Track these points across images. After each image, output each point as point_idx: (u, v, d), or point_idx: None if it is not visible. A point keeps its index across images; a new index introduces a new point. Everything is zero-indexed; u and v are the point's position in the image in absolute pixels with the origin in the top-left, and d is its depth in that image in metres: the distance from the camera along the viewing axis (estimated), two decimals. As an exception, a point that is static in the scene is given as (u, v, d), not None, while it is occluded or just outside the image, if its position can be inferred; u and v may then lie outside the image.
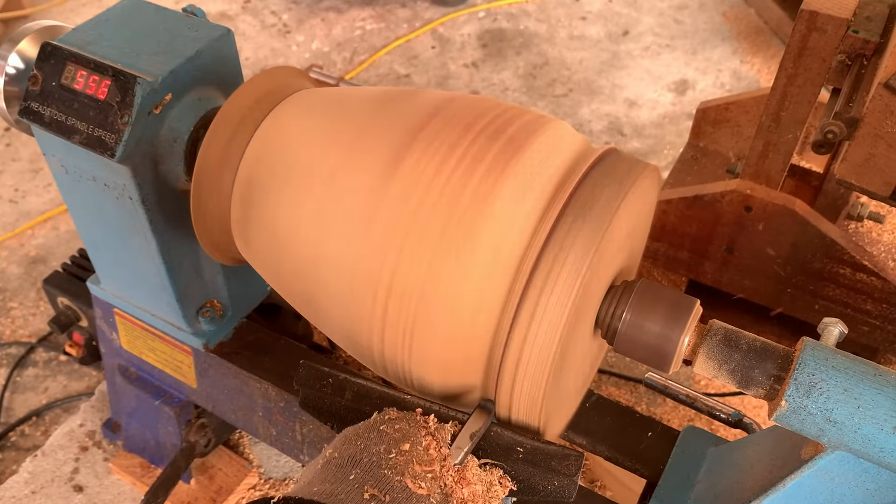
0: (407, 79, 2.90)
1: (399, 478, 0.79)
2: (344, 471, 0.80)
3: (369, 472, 0.80)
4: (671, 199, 1.59)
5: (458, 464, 0.85)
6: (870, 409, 0.82)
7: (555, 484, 0.88)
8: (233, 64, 1.17)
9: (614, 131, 2.69)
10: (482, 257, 0.86)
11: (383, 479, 0.79)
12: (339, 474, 0.80)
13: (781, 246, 1.53)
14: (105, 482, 1.72)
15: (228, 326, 1.40)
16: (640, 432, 1.25)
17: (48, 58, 1.08)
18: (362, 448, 0.83)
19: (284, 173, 0.98)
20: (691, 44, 3.02)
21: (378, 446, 0.83)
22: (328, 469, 0.82)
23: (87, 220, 1.27)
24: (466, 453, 0.86)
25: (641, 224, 1.03)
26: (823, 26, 1.30)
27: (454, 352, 0.89)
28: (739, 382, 0.90)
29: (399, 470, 0.80)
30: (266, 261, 1.04)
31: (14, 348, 2.04)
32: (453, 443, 0.87)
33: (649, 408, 1.92)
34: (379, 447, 0.82)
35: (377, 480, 0.79)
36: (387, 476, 0.79)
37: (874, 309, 1.52)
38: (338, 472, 0.80)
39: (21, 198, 2.45)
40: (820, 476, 0.90)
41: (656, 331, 0.90)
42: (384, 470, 0.80)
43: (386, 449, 0.82)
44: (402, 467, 0.81)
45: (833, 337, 0.91)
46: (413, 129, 0.92)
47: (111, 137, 1.05)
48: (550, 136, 0.92)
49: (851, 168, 1.25)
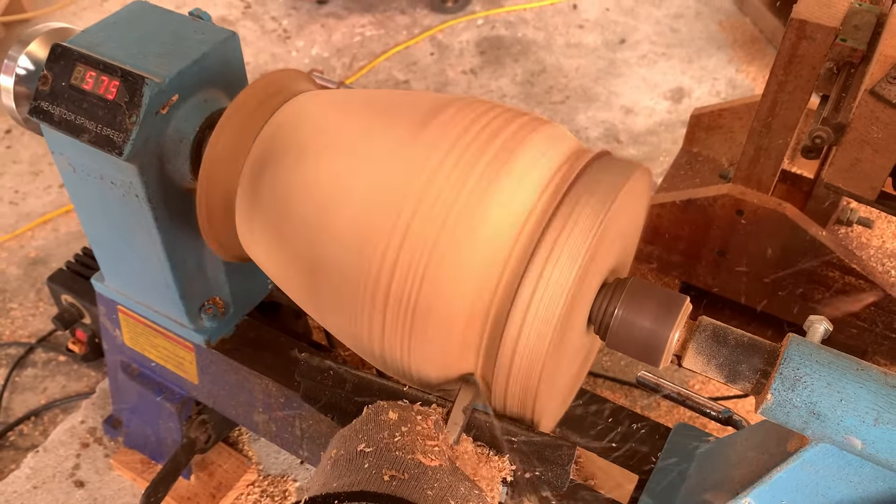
0: (406, 84, 2.93)
1: (411, 456, 0.83)
2: (355, 463, 0.83)
3: (381, 457, 0.83)
4: (665, 202, 1.62)
5: (456, 439, 0.88)
6: (852, 402, 0.85)
7: (548, 473, 0.91)
8: (237, 66, 1.20)
9: (610, 138, 2.72)
10: (483, 239, 0.89)
11: (397, 461, 0.82)
12: (351, 467, 0.83)
13: (772, 249, 1.56)
14: (106, 478, 1.74)
15: (230, 323, 1.42)
16: (633, 429, 1.28)
17: (58, 59, 1.11)
18: (366, 440, 0.86)
19: (298, 150, 1.00)
20: (687, 52, 3.05)
21: (380, 434, 0.86)
22: (339, 467, 0.84)
23: (93, 218, 1.30)
24: (462, 427, 0.89)
25: (634, 223, 1.06)
26: (813, 35, 1.33)
27: (452, 341, 0.92)
28: (727, 377, 0.93)
29: (408, 449, 0.84)
30: (271, 243, 1.05)
31: (13, 349, 2.05)
32: (448, 420, 0.90)
33: (644, 411, 1.95)
34: (382, 434, 0.85)
35: (391, 463, 0.82)
36: (399, 457, 0.82)
37: (862, 312, 1.55)
38: (350, 466, 0.83)
39: (21, 199, 2.47)
40: (805, 468, 0.93)
41: (647, 326, 0.93)
42: (394, 452, 0.83)
43: (389, 434, 0.85)
44: (409, 446, 0.84)
45: (818, 334, 0.94)
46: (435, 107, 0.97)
47: (119, 136, 1.08)
48: (549, 134, 0.96)
49: (839, 172, 1.28)
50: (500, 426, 0.92)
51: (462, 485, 0.84)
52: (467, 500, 0.83)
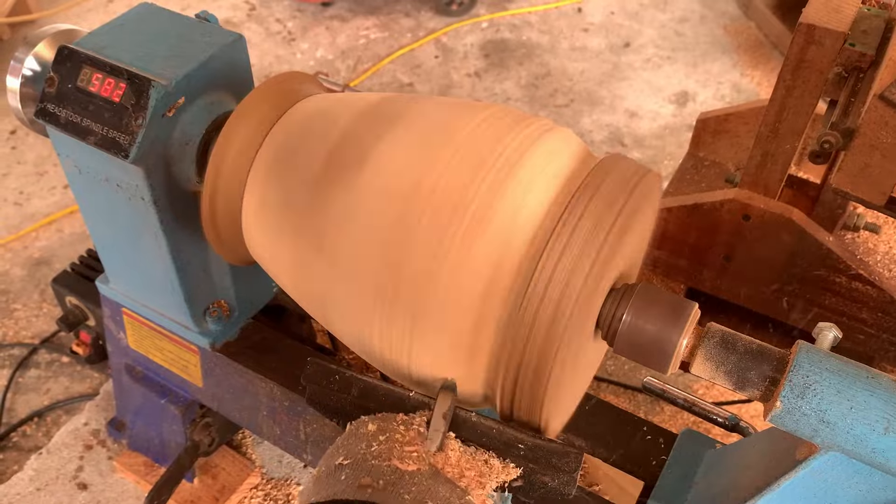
0: (410, 87, 2.93)
1: (386, 463, 0.83)
2: (334, 476, 0.85)
3: (358, 467, 0.84)
4: (671, 207, 1.62)
5: (439, 445, 0.88)
6: (862, 411, 0.84)
7: (555, 480, 0.91)
8: (244, 69, 1.20)
9: (615, 142, 2.72)
10: (491, 244, 0.89)
11: (373, 469, 0.83)
12: (330, 480, 0.84)
13: (779, 255, 1.55)
14: (109, 480, 1.73)
15: (235, 327, 1.42)
16: (639, 435, 1.28)
17: (65, 61, 1.11)
18: (344, 454, 0.87)
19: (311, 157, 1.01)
20: (692, 56, 3.05)
21: (358, 446, 0.87)
22: (320, 482, 0.86)
23: (98, 220, 1.30)
24: (444, 434, 0.89)
25: (644, 228, 1.05)
26: (821, 39, 1.33)
27: (460, 347, 0.92)
28: (736, 384, 0.92)
29: (384, 457, 0.84)
30: (280, 248, 1.04)
31: (17, 349, 2.05)
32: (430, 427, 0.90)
33: (648, 416, 1.94)
34: (360, 446, 0.87)
35: (367, 471, 0.83)
36: (374, 465, 0.83)
37: (869, 318, 1.55)
38: (329, 479, 0.85)
39: (25, 200, 2.47)
40: (814, 476, 0.92)
41: (655, 332, 0.93)
42: (370, 461, 0.84)
43: (367, 444, 0.87)
44: (386, 454, 0.85)
45: (827, 341, 0.93)
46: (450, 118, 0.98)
47: (125, 139, 1.07)
48: (557, 138, 0.96)
49: (847, 177, 1.28)
50: (506, 432, 0.92)
51: (443, 487, 0.84)
52: (449, 502, 0.83)
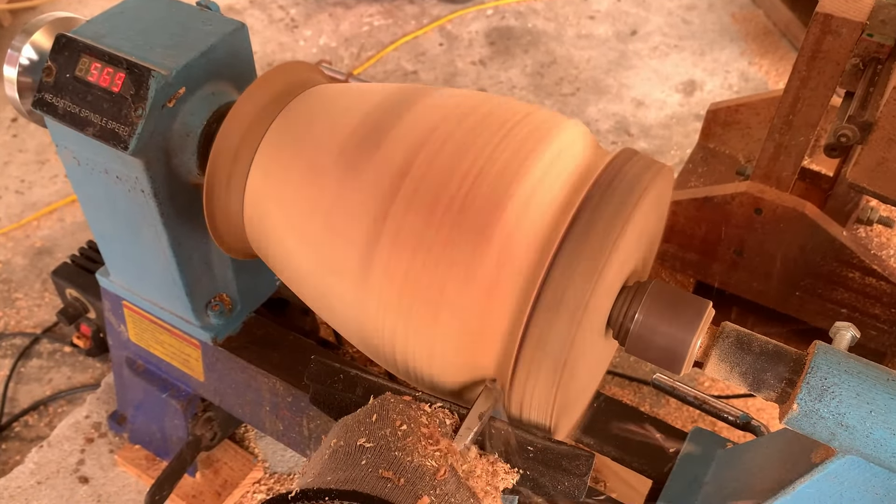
0: (414, 75, 2.89)
1: (410, 458, 0.81)
2: (354, 458, 0.81)
3: (380, 455, 0.81)
4: (681, 200, 1.59)
5: (468, 445, 0.86)
6: (882, 414, 0.82)
7: (565, 483, 0.88)
8: (246, 59, 1.17)
9: (621, 131, 2.69)
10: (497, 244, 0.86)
11: (395, 461, 0.80)
12: (349, 461, 0.81)
13: (790, 249, 1.52)
14: (110, 474, 1.72)
15: (237, 321, 1.40)
16: (647, 432, 1.26)
17: (62, 50, 1.08)
18: (367, 434, 0.84)
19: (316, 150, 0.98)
20: (699, 44, 3.01)
21: (383, 430, 0.84)
22: (336, 458, 0.82)
23: (97, 213, 1.27)
24: (476, 434, 0.86)
25: (656, 224, 1.03)
26: (838, 29, 1.29)
27: (470, 346, 0.89)
28: (751, 385, 0.90)
29: (408, 451, 0.82)
30: (283, 241, 1.02)
31: (19, 339, 2.04)
32: (462, 424, 0.87)
33: (653, 408, 1.92)
34: (384, 431, 0.84)
35: (389, 463, 0.80)
36: (398, 458, 0.81)
37: (882, 313, 1.52)
38: (348, 460, 0.81)
39: (27, 189, 2.45)
40: (830, 480, 0.90)
41: (669, 332, 0.90)
42: (394, 452, 0.81)
43: (392, 432, 0.83)
44: (410, 448, 0.82)
45: (845, 341, 0.91)
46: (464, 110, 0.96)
47: (124, 130, 1.05)
48: (565, 137, 0.93)
49: (864, 172, 1.25)
50: (516, 434, 0.90)
51: (459, 493, 0.82)
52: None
